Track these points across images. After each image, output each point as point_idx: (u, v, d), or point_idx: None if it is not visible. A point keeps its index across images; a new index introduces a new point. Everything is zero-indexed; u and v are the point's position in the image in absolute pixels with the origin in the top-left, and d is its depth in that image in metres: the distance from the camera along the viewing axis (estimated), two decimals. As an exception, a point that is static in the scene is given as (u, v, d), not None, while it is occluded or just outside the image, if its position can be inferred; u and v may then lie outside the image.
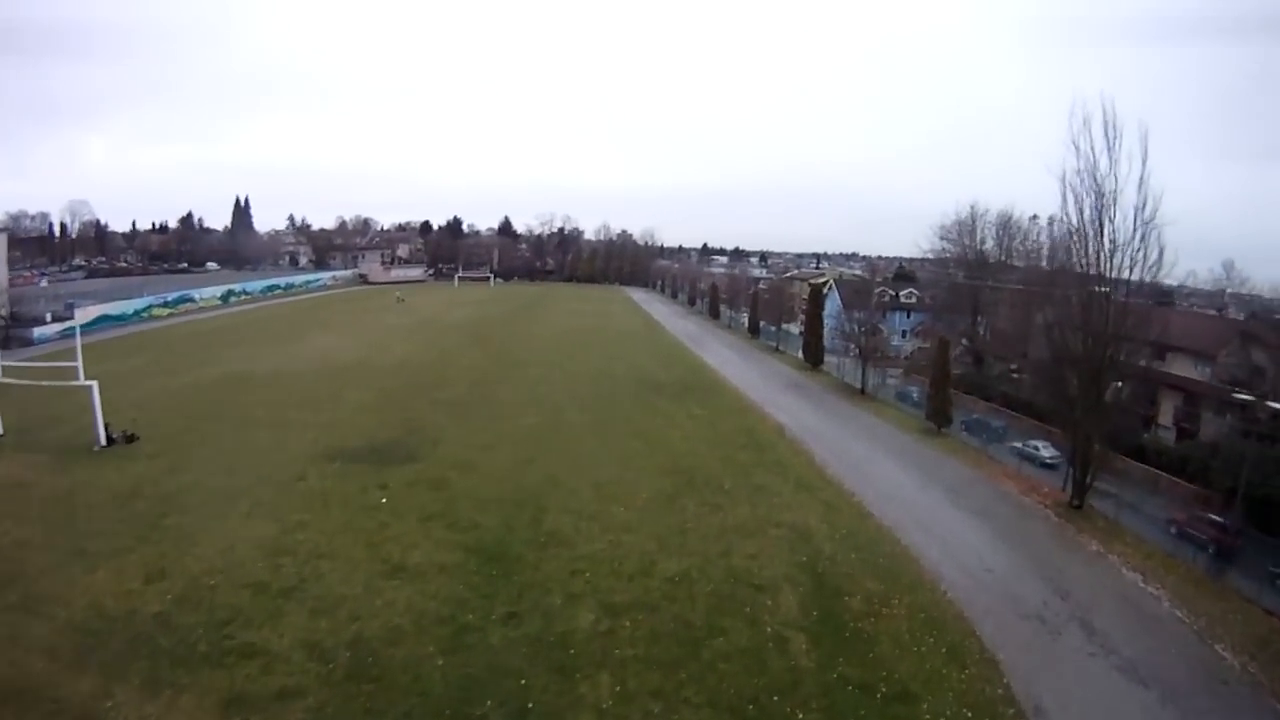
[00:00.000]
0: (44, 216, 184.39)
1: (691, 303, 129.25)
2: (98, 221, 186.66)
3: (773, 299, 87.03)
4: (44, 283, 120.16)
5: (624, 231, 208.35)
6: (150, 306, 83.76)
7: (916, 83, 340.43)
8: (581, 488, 30.79)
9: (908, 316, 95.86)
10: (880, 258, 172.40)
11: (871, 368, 55.14)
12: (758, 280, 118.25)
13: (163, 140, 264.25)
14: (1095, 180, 30.38)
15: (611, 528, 26.74)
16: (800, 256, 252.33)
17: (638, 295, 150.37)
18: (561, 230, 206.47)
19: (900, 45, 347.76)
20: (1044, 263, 68.16)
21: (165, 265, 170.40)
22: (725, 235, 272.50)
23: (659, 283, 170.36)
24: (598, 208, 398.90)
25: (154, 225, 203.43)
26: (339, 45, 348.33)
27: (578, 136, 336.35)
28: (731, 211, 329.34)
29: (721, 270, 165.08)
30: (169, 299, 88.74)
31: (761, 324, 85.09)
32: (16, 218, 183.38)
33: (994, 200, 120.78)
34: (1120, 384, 33.99)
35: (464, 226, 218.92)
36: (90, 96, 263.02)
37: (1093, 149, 30.32)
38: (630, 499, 29.54)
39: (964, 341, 64.20)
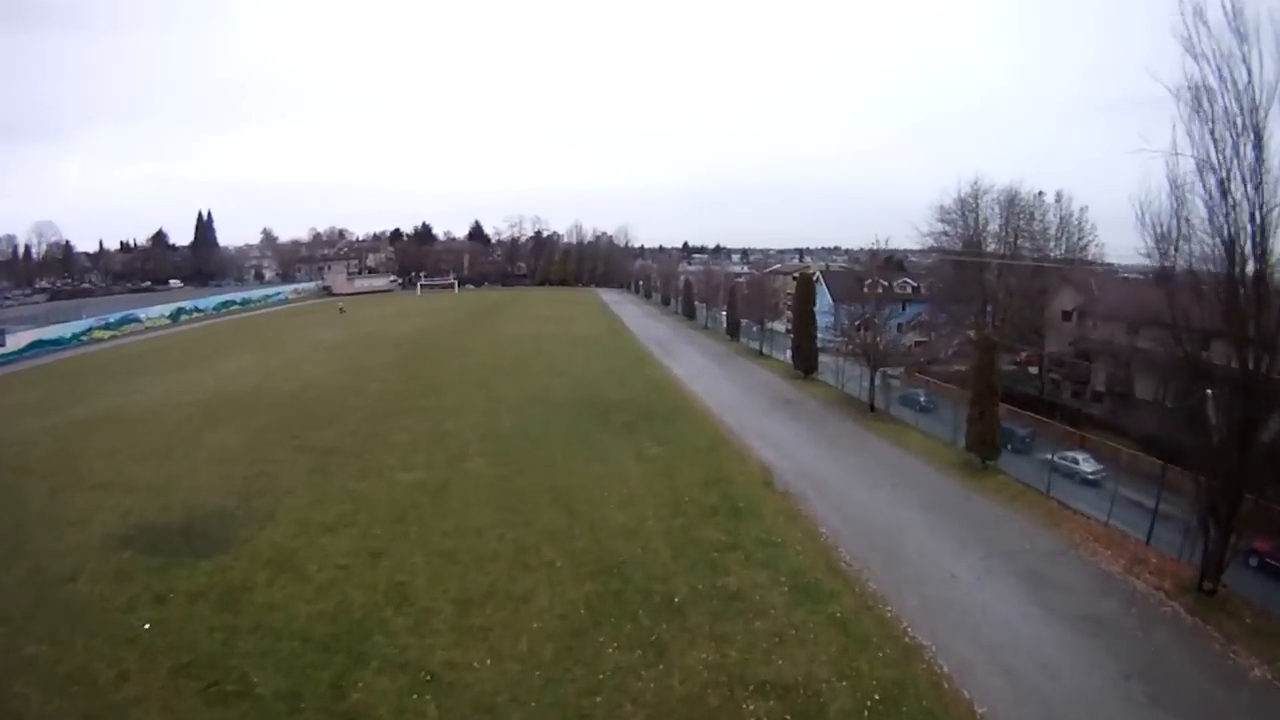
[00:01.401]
0: (10, 239, 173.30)
1: (666, 303, 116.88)
2: (64, 242, 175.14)
3: (754, 295, 74.71)
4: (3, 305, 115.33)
5: (603, 233, 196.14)
6: (91, 329, 75.99)
7: (894, 75, 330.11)
8: (439, 608, 18.83)
9: (903, 309, 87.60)
10: (864, 250, 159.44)
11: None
12: (736, 275, 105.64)
13: (133, 159, 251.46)
14: (1235, 95, 18.41)
15: (458, 710, 14.67)
16: (781, 252, 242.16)
17: (610, 296, 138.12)
18: (539, 234, 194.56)
19: (876, 38, 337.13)
20: (1052, 244, 57.76)
21: (129, 285, 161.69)
22: (705, 234, 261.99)
23: (634, 283, 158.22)
24: (571, 210, 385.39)
25: (122, 244, 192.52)
26: (310, 58, 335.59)
27: (549, 139, 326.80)
28: (710, 210, 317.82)
29: (697, 268, 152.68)
30: (111, 320, 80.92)
31: (743, 323, 72.79)
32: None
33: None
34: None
35: (435, 233, 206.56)
36: (58, 115, 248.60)
37: (1218, 49, 18.44)
38: (511, 636, 17.48)
39: (969, 334, 52.85)
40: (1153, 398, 39.45)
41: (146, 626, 18.11)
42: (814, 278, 65.66)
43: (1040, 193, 57.93)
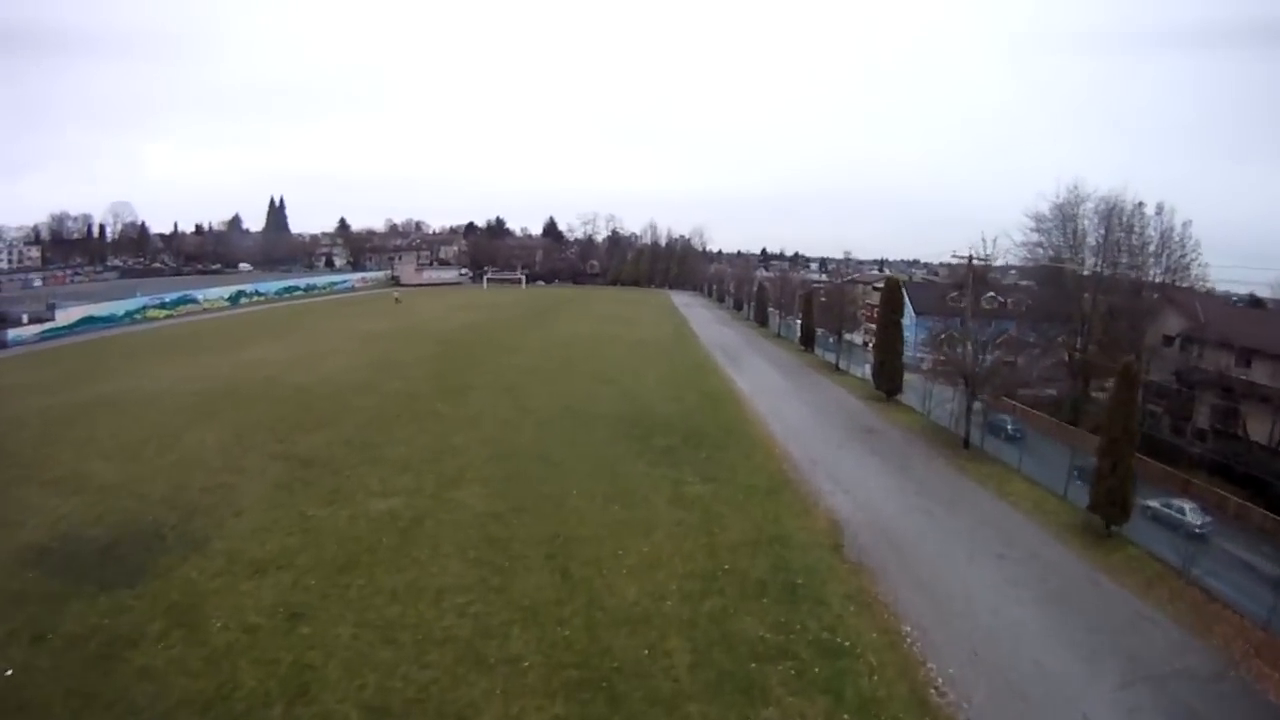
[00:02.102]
0: (86, 218, 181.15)
1: (739, 307, 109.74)
2: (138, 223, 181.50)
3: (831, 303, 66.95)
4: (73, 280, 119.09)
5: (680, 237, 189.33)
6: (145, 308, 75.16)
7: (975, 89, 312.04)
8: (341, 716, 12.80)
9: (989, 325, 79.86)
10: (943, 264, 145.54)
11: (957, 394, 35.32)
12: (812, 282, 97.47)
13: (215, 145, 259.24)
14: None
15: None
16: (860, 262, 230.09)
17: (681, 299, 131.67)
18: (614, 233, 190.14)
19: (961, 49, 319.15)
20: (1152, 261, 48.27)
21: (198, 267, 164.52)
22: (781, 241, 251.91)
23: (707, 286, 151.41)
24: (646, 211, 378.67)
25: (196, 227, 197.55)
26: (396, 53, 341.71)
27: (628, 141, 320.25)
28: (786, 217, 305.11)
29: (773, 274, 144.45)
30: (167, 300, 79.97)
31: (819, 333, 65.08)
32: (60, 219, 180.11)
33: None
34: None
35: (509, 228, 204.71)
36: (148, 103, 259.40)
37: None
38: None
39: (1065, 357, 46.64)
40: (1268, 440, 35.91)
41: (9, 673, 14.12)
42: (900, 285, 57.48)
43: (1140, 204, 48.48)
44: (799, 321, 71.05)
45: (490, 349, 57.61)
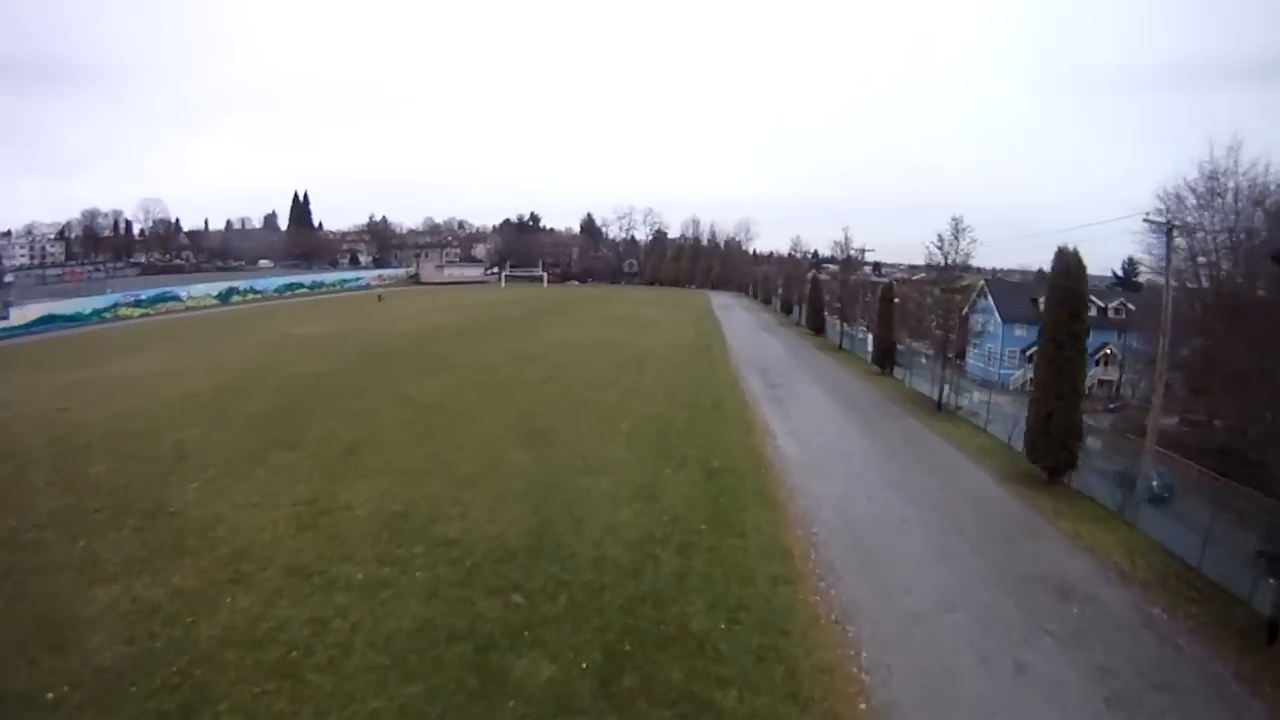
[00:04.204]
0: (116, 214, 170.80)
1: (788, 311, 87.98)
2: (167, 219, 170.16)
3: (913, 309, 45.26)
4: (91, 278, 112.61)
5: (727, 237, 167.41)
6: (116, 306, 66.56)
7: (1030, 92, 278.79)
8: None
9: (1118, 336, 61.51)
10: (1023, 270, 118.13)
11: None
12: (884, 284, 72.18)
13: (262, 144, 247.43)
14: None
15: None
16: (912, 267, 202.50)
17: (720, 300, 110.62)
18: (659, 232, 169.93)
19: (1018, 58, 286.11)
20: None
21: (218, 263, 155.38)
22: (828, 244, 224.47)
23: (752, 286, 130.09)
24: (688, 211, 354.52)
25: (227, 223, 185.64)
26: (437, 53, 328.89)
27: (670, 140, 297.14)
28: (835, 220, 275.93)
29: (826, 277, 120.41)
30: (142, 298, 70.83)
31: (899, 347, 43.31)
32: (91, 215, 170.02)
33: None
34: None
35: (544, 224, 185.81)
36: (197, 102, 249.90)
37: None
38: None
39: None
40: None
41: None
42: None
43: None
44: (867, 332, 49.62)
45: (407, 368, 37.77)
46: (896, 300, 46.30)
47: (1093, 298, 74.40)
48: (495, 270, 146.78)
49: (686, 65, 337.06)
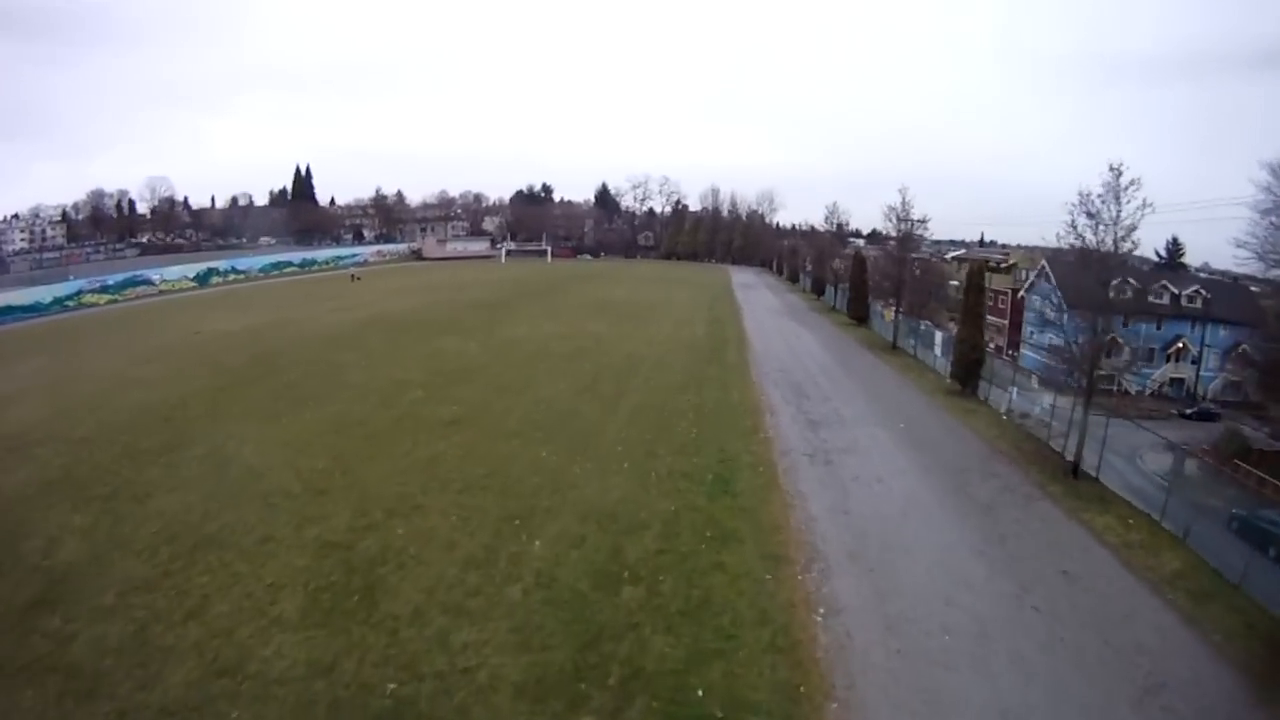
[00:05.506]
0: (123, 193, 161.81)
1: (819, 292, 74.51)
2: (172, 197, 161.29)
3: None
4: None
5: (753, 209, 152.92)
6: (80, 293, 60.41)
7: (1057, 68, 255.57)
8: None
9: (1157, 327, 57.14)
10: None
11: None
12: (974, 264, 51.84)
13: (273, 123, 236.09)
14: None
15: None
16: (937, 242, 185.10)
17: (742, 277, 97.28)
18: (678, 204, 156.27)
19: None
20: None
21: (219, 242, 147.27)
22: (856, 218, 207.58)
23: (775, 262, 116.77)
24: (708, 182, 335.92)
25: (232, 200, 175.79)
26: (458, 29, 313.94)
27: (689, 111, 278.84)
28: (858, 195, 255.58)
29: (874, 250, 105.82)
30: (109, 283, 64.06)
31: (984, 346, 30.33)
32: (97, 195, 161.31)
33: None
34: None
35: (555, 195, 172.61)
36: (211, 80, 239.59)
37: None
38: None
39: None
40: None
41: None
42: None
43: None
44: (935, 331, 36.85)
45: (272, 398, 25.53)
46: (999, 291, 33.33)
47: (1166, 284, 61.02)
48: (502, 244, 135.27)
49: (708, 29, 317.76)
